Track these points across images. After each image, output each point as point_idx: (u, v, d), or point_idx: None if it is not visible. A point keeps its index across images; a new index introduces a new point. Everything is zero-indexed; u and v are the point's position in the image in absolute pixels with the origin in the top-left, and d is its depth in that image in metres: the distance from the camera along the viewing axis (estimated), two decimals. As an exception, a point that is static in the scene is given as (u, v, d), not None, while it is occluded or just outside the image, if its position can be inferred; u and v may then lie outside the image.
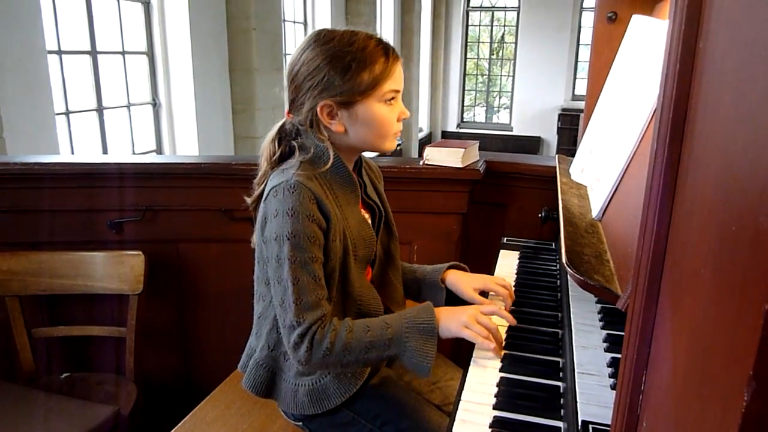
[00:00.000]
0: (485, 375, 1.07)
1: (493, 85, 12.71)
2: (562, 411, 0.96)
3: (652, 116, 1.01)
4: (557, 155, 1.68)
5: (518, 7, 11.70)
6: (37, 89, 3.41)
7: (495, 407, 0.98)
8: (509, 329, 1.20)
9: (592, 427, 0.82)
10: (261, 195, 1.13)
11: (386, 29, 9.46)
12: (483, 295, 1.31)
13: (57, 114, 3.67)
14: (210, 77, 4.86)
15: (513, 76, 12.04)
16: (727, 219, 0.35)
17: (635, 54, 1.29)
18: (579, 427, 0.83)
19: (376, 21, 8.68)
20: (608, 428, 0.80)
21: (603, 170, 1.18)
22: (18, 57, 3.24)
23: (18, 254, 1.79)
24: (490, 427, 0.93)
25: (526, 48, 11.62)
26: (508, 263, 1.60)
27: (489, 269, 1.57)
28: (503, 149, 11.15)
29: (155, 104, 4.73)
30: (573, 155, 1.58)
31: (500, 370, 1.07)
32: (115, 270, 1.79)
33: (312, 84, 1.08)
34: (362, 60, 1.07)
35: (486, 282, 1.32)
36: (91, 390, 1.76)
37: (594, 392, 0.89)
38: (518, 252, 1.68)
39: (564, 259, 0.91)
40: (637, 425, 0.50)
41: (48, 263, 1.80)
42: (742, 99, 0.34)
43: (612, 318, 1.10)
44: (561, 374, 1.06)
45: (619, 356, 0.85)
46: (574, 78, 11.45)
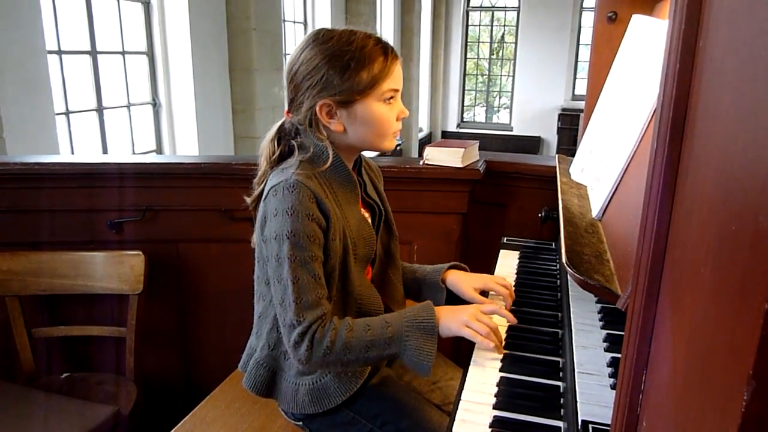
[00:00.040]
0: (485, 375, 1.07)
1: (493, 85, 12.71)
2: (562, 411, 0.96)
3: (652, 116, 1.01)
4: (557, 155, 1.68)
5: (518, 7, 11.70)
6: (37, 89, 3.41)
7: (495, 407, 0.98)
8: (509, 329, 1.20)
9: (592, 427, 0.82)
10: (261, 194, 1.13)
11: (386, 29, 9.46)
12: (483, 295, 1.31)
13: (57, 114, 3.67)
14: (210, 77, 4.86)
15: (513, 76, 12.04)
16: (727, 218, 0.35)
17: (635, 54, 1.29)
18: (579, 427, 0.83)
19: (376, 21, 8.68)
20: (608, 428, 0.80)
21: (603, 170, 1.18)
22: (18, 57, 3.24)
23: (18, 254, 1.79)
24: (490, 427, 0.93)
25: (526, 48, 11.62)
26: (508, 263, 1.60)
27: (489, 269, 1.57)
28: (503, 149, 11.15)
29: (155, 104, 4.73)
30: (573, 155, 1.58)
31: (500, 370, 1.07)
32: (115, 270, 1.79)
33: (311, 83, 1.08)
34: (361, 59, 1.07)
35: (486, 281, 1.32)
36: (91, 390, 1.76)
37: (594, 392, 0.89)
38: (518, 252, 1.68)
39: (564, 259, 0.91)
40: (637, 425, 0.50)
41: (48, 263, 1.80)
42: (742, 98, 0.34)
43: (612, 318, 1.10)
44: (561, 374, 1.06)
45: (619, 356, 0.85)
46: (574, 78, 11.45)
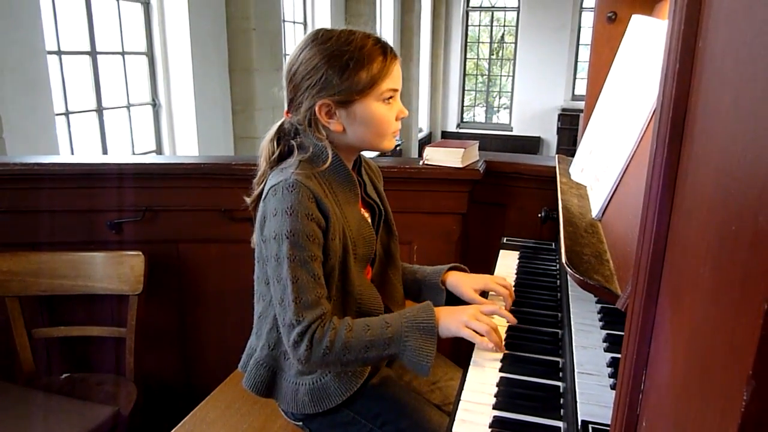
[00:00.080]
0: (485, 375, 1.07)
1: (493, 85, 12.71)
2: (562, 411, 0.96)
3: (652, 116, 1.01)
4: (557, 155, 1.68)
5: (518, 7, 11.70)
6: (37, 90, 3.41)
7: (495, 407, 0.98)
8: (509, 329, 1.20)
9: (592, 427, 0.82)
10: (260, 194, 1.13)
11: (386, 29, 9.46)
12: (483, 296, 1.32)
13: (57, 114, 3.67)
14: (210, 77, 4.86)
15: (513, 76, 12.04)
16: (727, 218, 0.35)
17: (635, 54, 1.29)
18: (579, 427, 0.83)
19: (376, 21, 8.68)
20: (608, 428, 0.80)
21: (603, 170, 1.18)
22: (18, 57, 3.24)
23: (18, 255, 1.79)
24: (490, 427, 0.93)
25: (526, 48, 11.63)
26: (508, 263, 1.60)
27: (489, 269, 1.57)
28: (503, 149, 11.15)
29: (155, 104, 4.73)
30: (573, 155, 1.58)
31: (500, 370, 1.07)
32: (115, 270, 1.79)
33: (310, 83, 1.08)
34: (360, 59, 1.07)
35: (486, 282, 1.32)
36: (91, 390, 1.76)
37: (594, 392, 0.89)
38: (518, 252, 1.68)
39: (564, 259, 0.91)
40: (637, 425, 0.50)
41: (48, 264, 1.80)
42: (742, 98, 0.34)
43: (612, 318, 1.10)
44: (561, 374, 1.06)
45: (619, 356, 0.85)
46: (574, 78, 11.45)
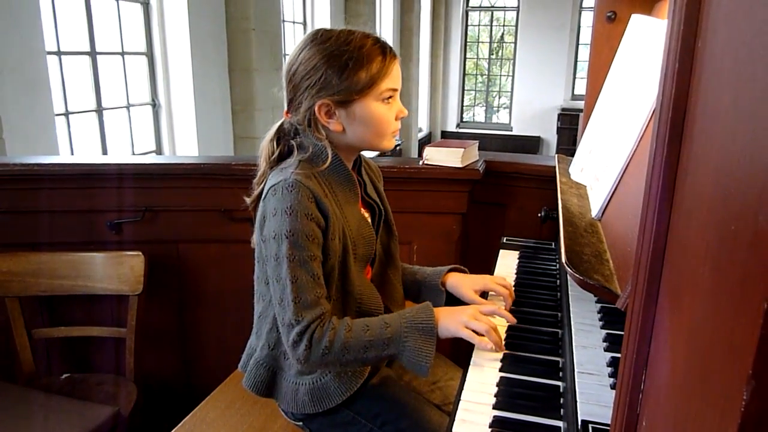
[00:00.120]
0: (485, 375, 1.07)
1: (493, 85, 12.71)
2: (562, 410, 0.96)
3: (652, 115, 1.01)
4: (557, 155, 1.68)
5: (518, 7, 11.70)
6: (37, 90, 3.41)
7: (495, 407, 0.98)
8: (509, 329, 1.20)
9: (592, 427, 0.82)
10: (260, 194, 1.13)
11: (385, 29, 9.46)
12: (483, 296, 1.32)
13: (56, 115, 3.67)
14: (209, 78, 4.86)
15: (512, 76, 12.04)
16: (727, 218, 0.35)
17: (634, 53, 1.29)
18: (579, 427, 0.83)
19: (376, 21, 8.68)
20: (608, 428, 0.80)
21: (602, 170, 1.18)
22: (17, 58, 3.24)
23: (18, 255, 1.79)
24: (490, 427, 0.93)
25: (526, 48, 11.62)
26: (508, 263, 1.60)
27: (489, 269, 1.57)
28: (503, 149, 11.15)
29: (155, 105, 4.73)
30: (572, 155, 1.58)
31: (500, 370, 1.07)
32: (115, 270, 1.79)
33: (309, 83, 1.08)
34: (359, 59, 1.07)
35: (486, 282, 1.32)
36: (91, 390, 1.76)
37: (594, 392, 0.89)
38: (518, 252, 1.68)
39: (564, 259, 0.91)
40: (637, 424, 0.50)
41: (48, 264, 1.80)
42: (741, 98, 0.34)
43: (612, 317, 1.10)
44: (561, 374, 1.06)
45: (619, 356, 0.85)
46: (574, 78, 11.45)
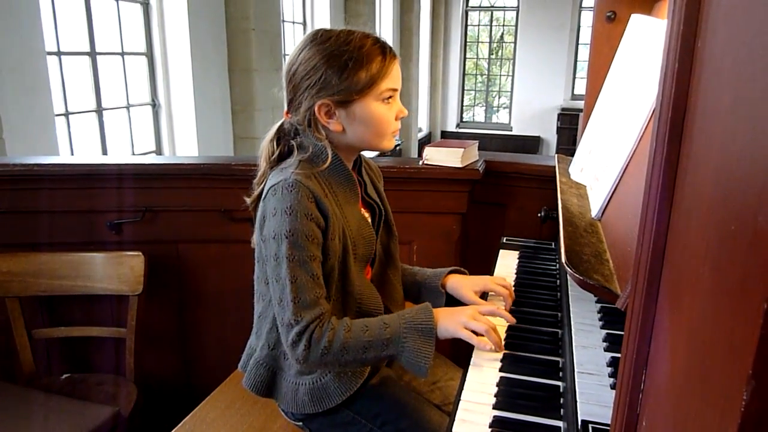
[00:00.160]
0: (485, 375, 1.07)
1: (493, 85, 12.71)
2: (562, 410, 0.96)
3: (651, 115, 1.01)
4: (556, 155, 1.68)
5: (517, 7, 11.70)
6: (37, 90, 3.41)
7: (495, 407, 0.98)
8: (509, 329, 1.20)
9: (592, 427, 0.82)
10: (260, 194, 1.13)
11: (385, 29, 9.46)
12: (483, 297, 1.31)
13: (56, 115, 3.68)
14: (209, 78, 4.86)
15: (512, 76, 12.04)
16: (726, 218, 0.35)
17: (634, 53, 1.29)
18: (579, 427, 0.83)
19: (375, 21, 8.68)
20: (608, 428, 0.80)
21: (602, 170, 1.18)
22: (17, 58, 3.24)
23: (18, 255, 1.79)
24: (490, 427, 0.93)
25: (526, 48, 11.63)
26: (508, 263, 1.60)
27: (489, 269, 1.57)
28: (503, 149, 11.15)
29: (154, 105, 4.73)
30: (572, 155, 1.58)
31: (500, 370, 1.07)
32: (115, 271, 1.79)
33: (309, 83, 1.08)
34: (359, 59, 1.07)
35: (486, 283, 1.31)
36: (91, 391, 1.76)
37: (594, 392, 0.89)
38: (518, 252, 1.68)
39: (563, 259, 0.91)
40: (637, 424, 0.50)
41: (48, 264, 1.80)
42: (741, 98, 0.34)
43: (611, 317, 1.10)
44: (561, 374, 1.06)
45: (619, 355, 0.85)
46: (574, 77, 11.45)
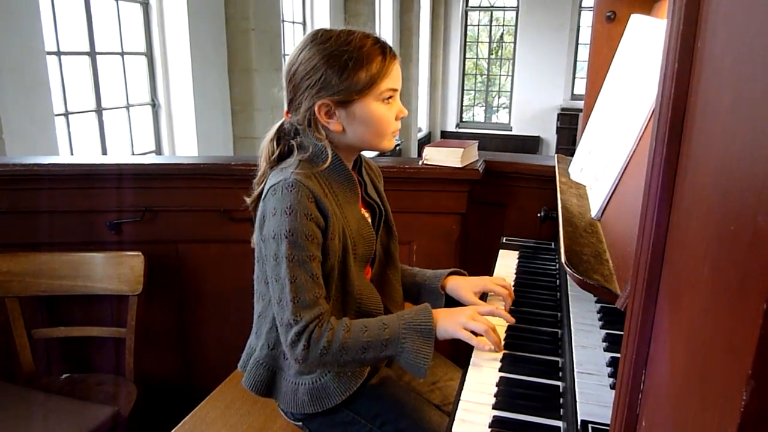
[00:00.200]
0: (485, 375, 1.07)
1: (492, 85, 12.71)
2: (562, 410, 0.96)
3: (651, 115, 1.01)
4: (556, 155, 1.68)
5: (517, 7, 11.70)
6: (37, 90, 3.41)
7: (494, 407, 0.98)
8: (509, 329, 1.20)
9: (592, 427, 0.82)
10: (260, 194, 1.13)
11: (385, 29, 9.46)
12: (483, 298, 1.31)
13: (56, 115, 3.67)
14: (209, 78, 4.86)
15: (512, 76, 12.04)
16: (726, 218, 0.35)
17: (634, 53, 1.29)
18: (578, 427, 0.83)
19: (375, 21, 8.68)
20: (607, 428, 0.80)
21: (602, 170, 1.18)
22: (17, 58, 3.24)
23: (17, 255, 1.79)
24: (490, 427, 0.93)
25: (525, 48, 11.62)
26: (508, 263, 1.60)
27: (488, 269, 1.57)
28: (502, 149, 11.15)
29: (154, 105, 4.73)
30: (572, 155, 1.58)
31: (500, 370, 1.07)
32: (115, 271, 1.79)
33: (309, 83, 1.08)
34: (359, 59, 1.07)
35: (485, 283, 1.31)
36: (91, 390, 1.76)
37: (593, 392, 0.89)
38: (517, 252, 1.68)
39: (563, 259, 0.91)
40: (637, 424, 0.50)
41: (47, 264, 1.80)
42: (741, 98, 0.34)
43: (611, 317, 1.10)
44: (560, 374, 1.06)
45: (619, 355, 0.85)
46: (573, 77, 11.45)
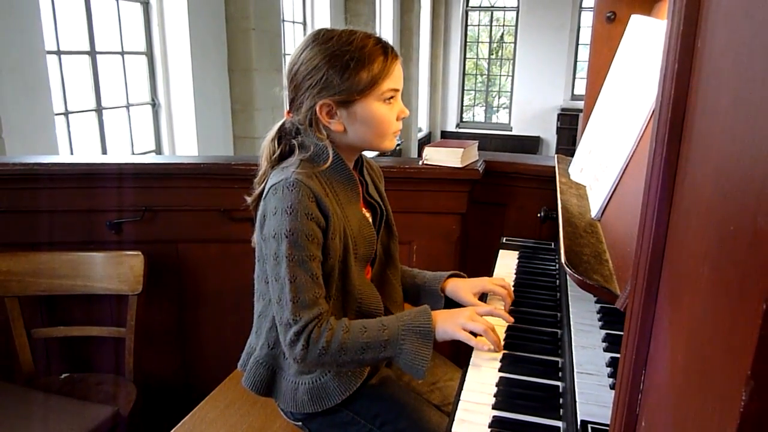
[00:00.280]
0: (484, 375, 1.07)
1: (493, 85, 12.71)
2: (561, 411, 0.96)
3: (651, 116, 1.01)
4: (556, 155, 1.68)
5: (517, 7, 11.70)
6: (37, 90, 3.41)
7: (494, 407, 0.98)
8: (508, 329, 1.20)
9: (591, 427, 0.82)
10: (261, 194, 1.13)
11: (385, 29, 9.46)
12: (482, 298, 1.31)
13: (56, 114, 3.67)
14: (209, 77, 4.86)
15: (512, 76, 12.04)
16: (726, 218, 0.35)
17: (634, 54, 1.29)
18: (578, 427, 0.83)
19: (376, 21, 8.68)
20: (607, 428, 0.80)
21: (602, 170, 1.18)
22: (17, 57, 3.24)
23: (17, 255, 1.79)
24: (490, 427, 0.93)
25: (526, 48, 11.62)
26: (508, 263, 1.60)
27: (488, 269, 1.57)
28: (502, 149, 11.15)
29: (154, 104, 4.73)
30: (572, 155, 1.58)
31: (499, 370, 1.07)
32: (115, 270, 1.79)
33: (311, 83, 1.08)
34: (361, 59, 1.07)
35: (485, 284, 1.31)
36: (91, 390, 1.76)
37: (593, 392, 0.90)
38: (517, 252, 1.68)
39: (563, 259, 0.91)
40: (636, 424, 0.50)
41: (47, 264, 1.79)
42: (741, 98, 0.34)
43: (611, 318, 1.10)
44: (560, 374, 1.06)
45: (618, 356, 0.85)
46: (574, 78, 11.45)
